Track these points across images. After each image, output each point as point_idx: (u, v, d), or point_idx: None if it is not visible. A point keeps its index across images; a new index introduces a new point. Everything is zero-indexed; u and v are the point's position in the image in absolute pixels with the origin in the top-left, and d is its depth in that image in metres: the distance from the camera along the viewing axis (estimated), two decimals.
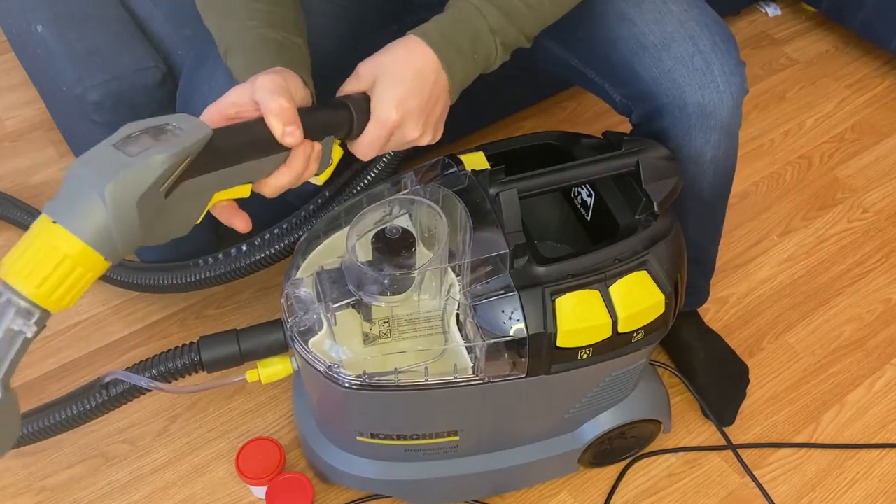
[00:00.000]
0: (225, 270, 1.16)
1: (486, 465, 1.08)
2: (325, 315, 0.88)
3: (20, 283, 0.58)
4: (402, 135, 0.78)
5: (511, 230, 0.87)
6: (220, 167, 0.66)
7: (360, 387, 0.88)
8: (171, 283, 1.21)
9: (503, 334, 0.86)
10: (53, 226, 0.58)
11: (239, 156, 0.68)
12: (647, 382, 1.12)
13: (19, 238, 0.60)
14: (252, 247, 1.14)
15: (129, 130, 0.63)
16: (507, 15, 0.81)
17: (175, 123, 0.64)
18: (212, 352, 0.96)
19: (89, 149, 0.62)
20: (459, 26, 0.80)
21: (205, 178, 0.65)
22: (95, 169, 0.59)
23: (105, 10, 1.14)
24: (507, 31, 0.81)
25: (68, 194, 0.60)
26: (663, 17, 0.94)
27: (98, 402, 1.01)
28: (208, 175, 0.65)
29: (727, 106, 0.95)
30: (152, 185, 0.60)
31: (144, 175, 0.60)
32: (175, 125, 0.64)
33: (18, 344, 0.61)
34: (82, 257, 0.59)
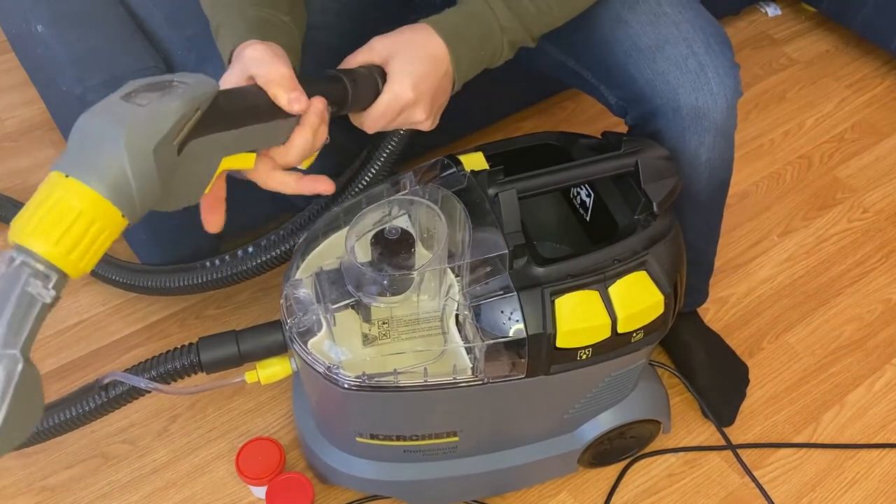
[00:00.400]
0: (231, 272, 1.16)
1: (485, 466, 1.08)
2: (325, 316, 0.88)
3: (35, 242, 0.54)
4: (410, 114, 0.79)
5: (510, 231, 0.87)
6: (227, 128, 0.64)
7: (359, 388, 0.88)
8: (177, 286, 1.21)
9: (502, 335, 0.86)
10: (67, 180, 0.54)
11: (246, 118, 0.67)
12: (647, 382, 1.12)
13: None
14: (258, 248, 1.14)
15: (133, 86, 0.61)
16: (517, 15, 0.83)
17: (179, 79, 0.62)
18: (211, 353, 0.96)
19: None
20: (471, 21, 0.82)
21: (213, 139, 0.63)
22: (109, 118, 0.56)
23: (105, 10, 1.14)
24: (516, 31, 0.84)
25: (80, 146, 0.56)
26: (658, 19, 0.95)
27: (97, 403, 1.01)
28: (216, 135, 0.63)
29: (721, 108, 0.95)
30: (167, 134, 0.57)
31: (160, 122, 0.57)
32: (179, 80, 0.62)
33: (36, 310, 0.55)
34: (100, 211, 0.55)
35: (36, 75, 1.45)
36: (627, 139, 0.93)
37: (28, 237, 0.54)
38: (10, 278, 0.54)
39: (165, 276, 1.22)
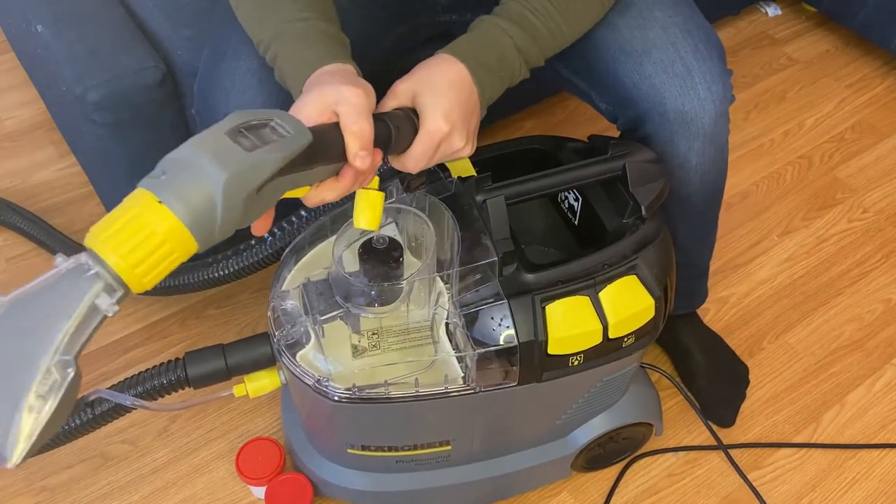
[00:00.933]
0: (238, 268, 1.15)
1: (478, 474, 1.08)
2: (313, 327, 0.88)
3: (111, 255, 0.56)
4: (449, 145, 0.78)
5: (499, 237, 0.86)
6: (302, 168, 0.66)
7: (349, 400, 0.87)
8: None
9: (493, 343, 0.86)
10: (158, 205, 0.57)
11: (319, 159, 0.68)
12: (638, 386, 1.12)
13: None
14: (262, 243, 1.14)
15: (238, 120, 0.62)
16: (532, 36, 0.85)
17: (279, 121, 0.64)
18: (198, 367, 0.95)
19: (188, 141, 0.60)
20: (487, 45, 0.83)
21: (289, 178, 0.65)
22: (213, 158, 0.58)
23: (105, 10, 1.14)
24: (531, 51, 0.85)
25: (178, 174, 0.58)
26: (647, 23, 0.94)
27: (83, 420, 1.00)
28: (292, 175, 0.65)
29: (709, 113, 0.94)
30: (261, 183, 0.60)
31: (259, 172, 0.60)
32: (279, 123, 0.64)
33: (96, 322, 0.56)
34: (180, 239, 0.58)
35: (36, 75, 1.45)
36: (615, 143, 0.93)
37: (103, 245, 0.56)
38: (81, 286, 0.56)
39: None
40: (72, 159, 1.56)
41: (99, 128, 1.08)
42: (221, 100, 0.93)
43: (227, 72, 0.92)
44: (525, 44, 0.84)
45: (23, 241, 1.44)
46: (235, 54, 0.92)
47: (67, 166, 1.56)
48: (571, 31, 0.89)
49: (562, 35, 0.88)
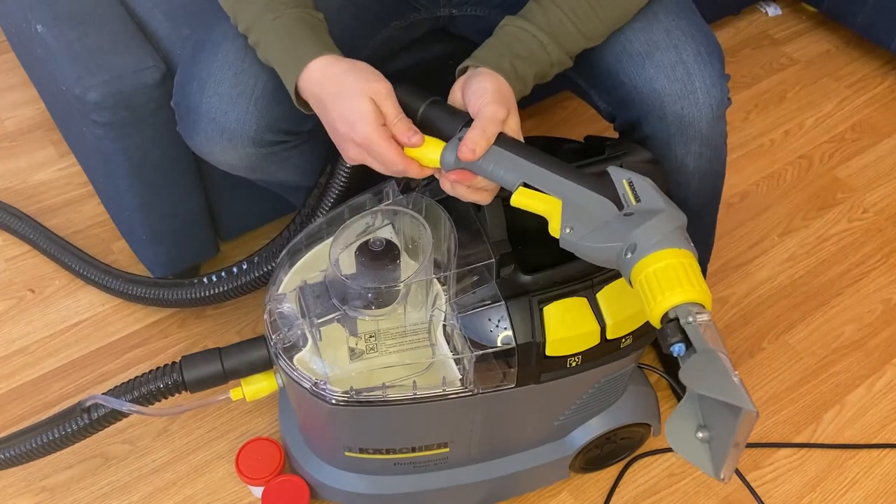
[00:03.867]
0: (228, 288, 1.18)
1: (476, 476, 1.08)
2: (310, 330, 0.87)
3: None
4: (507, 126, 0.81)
5: (496, 239, 0.86)
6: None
7: (347, 403, 0.87)
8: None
9: (491, 345, 0.86)
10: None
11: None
12: (636, 386, 1.12)
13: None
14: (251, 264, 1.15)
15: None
16: (567, 51, 0.89)
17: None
18: (194, 371, 0.95)
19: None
20: (528, 63, 0.86)
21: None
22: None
23: (105, 9, 1.14)
24: (565, 63, 0.90)
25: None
26: (650, 25, 0.94)
27: (79, 426, 1.00)
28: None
29: (706, 118, 0.95)
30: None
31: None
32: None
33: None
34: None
35: (36, 75, 1.45)
36: (611, 143, 0.93)
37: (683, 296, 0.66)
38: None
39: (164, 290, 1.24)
40: (72, 159, 1.56)
41: (99, 128, 1.08)
42: (197, 90, 0.93)
43: (204, 63, 0.93)
44: (560, 58, 0.89)
45: (22, 241, 1.44)
46: (214, 47, 0.92)
47: (67, 166, 1.56)
48: (605, 28, 0.92)
49: (595, 36, 0.92)
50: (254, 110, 0.92)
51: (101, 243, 1.45)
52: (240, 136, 0.93)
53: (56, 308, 1.37)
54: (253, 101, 0.91)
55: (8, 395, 1.26)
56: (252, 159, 0.96)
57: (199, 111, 0.93)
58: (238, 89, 0.91)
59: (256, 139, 0.93)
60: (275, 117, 0.93)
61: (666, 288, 0.66)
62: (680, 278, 0.67)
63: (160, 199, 1.20)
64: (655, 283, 0.67)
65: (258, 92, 0.91)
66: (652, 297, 0.67)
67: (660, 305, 0.66)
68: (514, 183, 0.77)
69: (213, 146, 0.95)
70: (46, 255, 1.39)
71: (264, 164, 0.98)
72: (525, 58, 0.86)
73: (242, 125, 0.92)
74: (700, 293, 0.67)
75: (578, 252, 0.75)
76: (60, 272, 1.40)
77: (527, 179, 0.77)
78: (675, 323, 0.66)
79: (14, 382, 1.28)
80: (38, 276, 1.41)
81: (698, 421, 0.67)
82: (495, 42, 0.88)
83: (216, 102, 0.91)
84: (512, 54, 0.85)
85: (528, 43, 0.86)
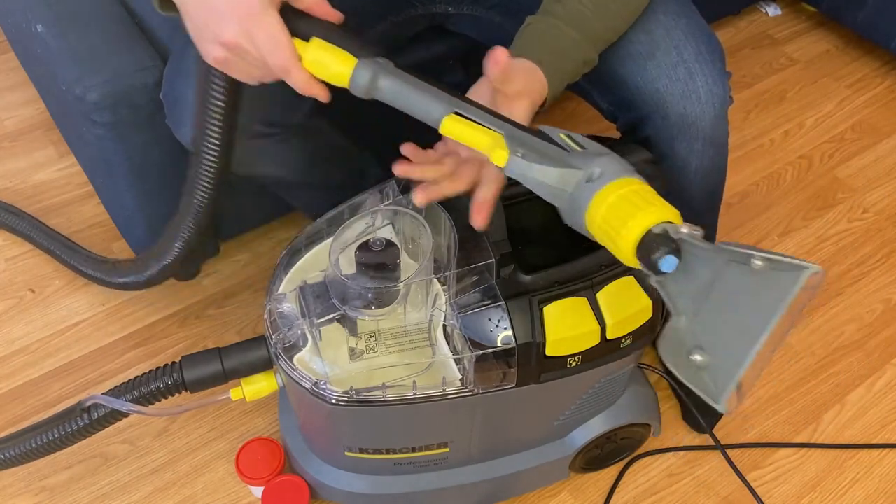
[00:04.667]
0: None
1: (476, 476, 1.08)
2: (310, 330, 0.87)
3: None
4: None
5: (496, 239, 0.86)
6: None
7: (347, 403, 0.87)
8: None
9: (491, 345, 0.86)
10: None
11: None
12: (636, 386, 1.12)
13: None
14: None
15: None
16: (595, 46, 0.89)
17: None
18: (194, 371, 0.95)
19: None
20: (565, 60, 0.86)
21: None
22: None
23: (105, 9, 1.14)
24: (594, 61, 0.90)
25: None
26: (651, 25, 0.95)
27: (80, 426, 1.00)
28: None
29: (709, 117, 0.95)
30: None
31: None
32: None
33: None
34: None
35: (36, 75, 1.45)
36: (611, 143, 0.93)
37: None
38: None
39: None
40: (72, 159, 1.56)
41: (99, 128, 1.08)
42: (185, 83, 0.92)
43: (193, 57, 0.92)
44: (592, 56, 0.89)
45: (23, 241, 1.44)
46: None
47: (67, 166, 1.56)
48: (626, 23, 0.93)
49: (618, 31, 0.92)
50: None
51: (101, 243, 1.45)
52: None
53: (56, 308, 1.37)
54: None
55: (8, 395, 1.26)
56: (238, 151, 0.96)
57: (186, 103, 0.92)
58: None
59: (243, 130, 0.93)
60: (261, 109, 0.92)
61: (644, 207, 0.61)
62: (657, 199, 0.62)
63: (160, 199, 1.20)
64: (629, 204, 0.62)
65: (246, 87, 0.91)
66: (628, 219, 0.61)
67: (641, 223, 0.61)
68: (443, 112, 0.69)
69: None
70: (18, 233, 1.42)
71: (251, 156, 0.97)
72: (559, 53, 0.85)
73: None
74: (679, 217, 0.62)
75: (529, 179, 0.68)
76: (60, 272, 1.40)
77: (460, 110, 0.69)
78: (661, 237, 0.60)
79: (14, 382, 1.28)
80: (38, 276, 1.41)
81: (695, 342, 0.60)
82: (527, 38, 0.86)
83: None
84: (548, 50, 0.85)
85: (560, 39, 0.86)
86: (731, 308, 0.58)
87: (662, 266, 0.59)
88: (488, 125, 0.68)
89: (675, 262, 0.59)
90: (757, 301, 0.56)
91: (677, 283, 0.60)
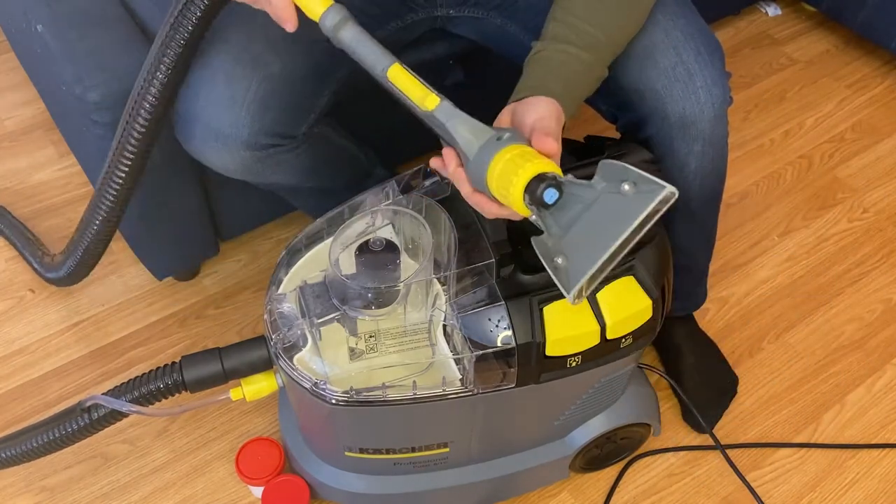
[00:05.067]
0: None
1: (476, 476, 1.08)
2: (310, 330, 0.87)
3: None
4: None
5: (496, 239, 0.86)
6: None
7: (347, 403, 0.87)
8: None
9: (491, 345, 0.86)
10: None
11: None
12: (636, 386, 1.12)
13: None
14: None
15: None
16: (605, 62, 0.89)
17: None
18: (194, 371, 0.95)
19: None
20: (579, 86, 0.87)
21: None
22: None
23: (105, 10, 1.14)
24: (605, 75, 0.90)
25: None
26: (649, 26, 0.94)
27: (80, 425, 1.00)
28: None
29: (708, 117, 0.95)
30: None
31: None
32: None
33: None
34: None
35: (36, 75, 1.45)
36: (611, 143, 0.93)
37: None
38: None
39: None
40: (72, 159, 1.56)
41: (99, 128, 1.08)
42: (192, 97, 0.94)
43: (198, 70, 0.94)
44: (603, 72, 0.89)
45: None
46: (207, 54, 0.93)
47: (67, 166, 1.56)
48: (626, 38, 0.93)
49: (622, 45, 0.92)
50: (247, 115, 0.92)
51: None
52: (234, 141, 0.94)
53: (56, 308, 1.37)
54: (245, 106, 0.92)
55: (8, 395, 1.26)
56: (247, 162, 0.97)
57: (194, 117, 0.94)
58: (231, 95, 0.92)
59: (250, 143, 0.94)
60: (268, 121, 0.94)
61: (534, 161, 0.71)
62: (547, 159, 0.73)
63: (160, 199, 1.20)
64: (523, 159, 0.71)
65: (251, 97, 0.92)
66: (523, 165, 0.70)
67: (531, 170, 0.70)
68: (390, 62, 0.77)
69: (209, 150, 0.96)
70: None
71: (259, 167, 0.99)
72: (572, 79, 0.85)
73: (236, 130, 0.93)
74: (561, 173, 0.72)
75: (452, 125, 0.76)
76: None
77: (402, 63, 0.78)
78: (545, 176, 0.70)
79: (14, 382, 1.28)
80: (38, 276, 1.41)
81: (559, 250, 0.72)
82: (537, 70, 0.86)
83: (210, 108, 0.92)
84: (561, 79, 0.84)
85: (571, 64, 0.85)
86: (593, 225, 0.70)
87: (545, 197, 0.69)
88: (425, 84, 0.78)
89: (556, 194, 0.70)
90: (616, 216, 0.68)
91: (554, 216, 0.71)
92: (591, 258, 0.69)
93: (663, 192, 0.66)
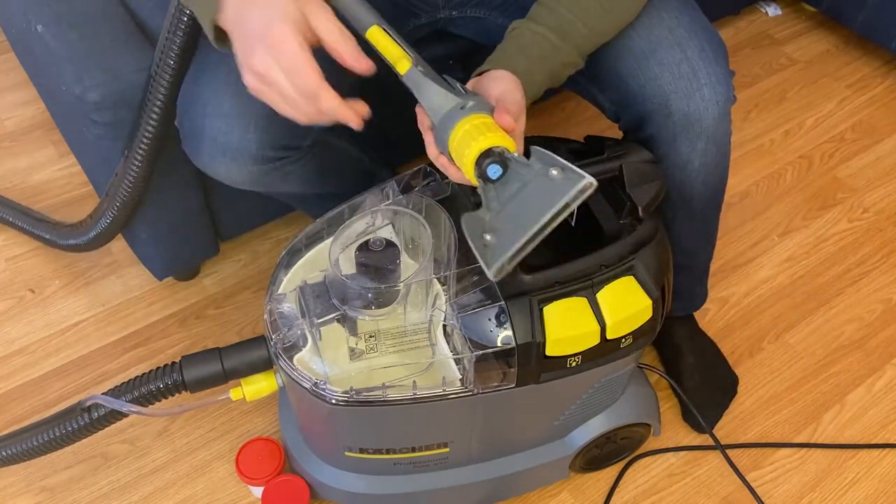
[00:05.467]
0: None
1: (476, 476, 1.08)
2: (310, 330, 0.87)
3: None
4: (522, 124, 0.82)
5: None
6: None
7: (347, 403, 0.87)
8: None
9: (491, 345, 0.86)
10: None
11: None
12: (636, 386, 1.12)
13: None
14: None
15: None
16: (580, 50, 0.90)
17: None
18: (194, 371, 0.95)
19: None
20: (540, 65, 0.88)
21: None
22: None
23: (105, 10, 1.14)
24: (577, 63, 0.91)
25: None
26: (653, 22, 0.94)
27: (80, 425, 1.00)
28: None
29: (713, 115, 0.95)
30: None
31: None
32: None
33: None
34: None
35: (36, 75, 1.45)
36: (611, 143, 0.93)
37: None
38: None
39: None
40: (72, 159, 1.56)
41: (99, 128, 1.08)
42: (200, 112, 0.93)
43: (205, 85, 0.93)
44: (572, 58, 0.90)
45: (23, 241, 1.44)
46: (215, 70, 0.93)
47: (67, 166, 1.56)
48: (611, 27, 0.93)
49: (602, 34, 0.92)
50: (254, 130, 0.92)
51: None
52: (242, 155, 0.94)
53: (56, 308, 1.37)
54: (253, 121, 0.92)
55: (8, 395, 1.26)
56: (255, 175, 0.97)
57: (202, 132, 0.94)
58: (239, 110, 0.92)
59: (258, 157, 0.94)
60: (275, 135, 0.94)
61: (488, 134, 0.74)
62: (503, 133, 0.76)
63: (160, 199, 1.20)
64: (478, 131, 0.74)
65: (258, 112, 0.92)
66: (477, 136, 0.74)
67: (483, 143, 0.73)
68: (372, 22, 0.80)
69: (217, 165, 0.96)
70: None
71: (267, 179, 0.99)
72: (538, 59, 0.86)
73: (244, 144, 0.93)
74: (514, 147, 0.76)
75: (421, 90, 0.79)
76: (60, 272, 1.41)
77: (385, 28, 0.80)
78: (493, 152, 0.73)
79: (14, 382, 1.28)
80: (38, 276, 1.41)
81: (489, 226, 0.77)
82: (507, 45, 0.88)
83: (218, 123, 0.92)
84: (526, 57, 0.86)
85: (540, 44, 0.87)
86: (523, 205, 0.74)
87: (489, 172, 0.74)
88: (403, 47, 0.80)
89: (500, 170, 0.74)
90: (541, 200, 0.73)
91: (497, 190, 0.75)
92: (515, 237, 0.74)
93: (583, 182, 0.71)
